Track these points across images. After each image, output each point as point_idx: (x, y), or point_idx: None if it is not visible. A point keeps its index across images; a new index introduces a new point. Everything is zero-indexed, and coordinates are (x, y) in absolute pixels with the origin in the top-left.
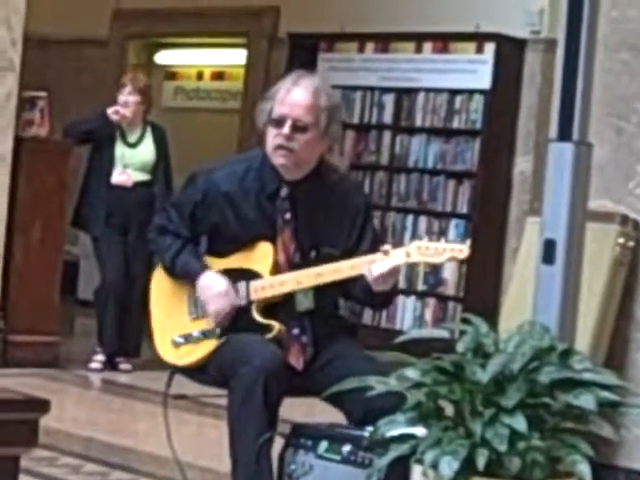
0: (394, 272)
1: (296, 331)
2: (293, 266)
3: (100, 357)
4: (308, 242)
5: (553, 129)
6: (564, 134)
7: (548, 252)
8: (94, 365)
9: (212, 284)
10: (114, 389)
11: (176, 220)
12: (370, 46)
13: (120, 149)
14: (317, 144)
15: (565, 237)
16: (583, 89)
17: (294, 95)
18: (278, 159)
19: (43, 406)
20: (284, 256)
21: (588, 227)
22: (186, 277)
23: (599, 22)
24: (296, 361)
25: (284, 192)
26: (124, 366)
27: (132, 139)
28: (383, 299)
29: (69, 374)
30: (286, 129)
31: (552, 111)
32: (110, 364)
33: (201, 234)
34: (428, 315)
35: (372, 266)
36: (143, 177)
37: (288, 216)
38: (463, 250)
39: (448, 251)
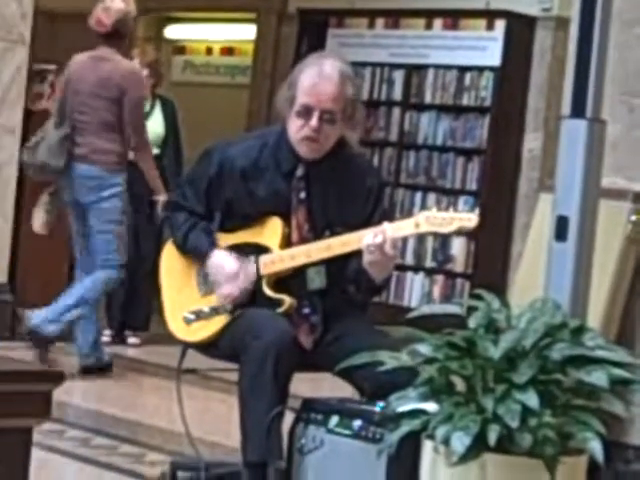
0: (381, 246)
1: (306, 310)
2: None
3: (107, 331)
4: (322, 221)
5: (566, 106)
6: (577, 111)
7: (560, 229)
8: (102, 339)
9: (222, 264)
10: (122, 363)
11: (191, 197)
12: (380, 22)
13: None
14: (341, 131)
15: (578, 214)
16: (597, 65)
17: (320, 85)
18: (303, 149)
19: (56, 378)
20: (298, 235)
21: (600, 204)
22: (196, 255)
23: None
24: (305, 340)
25: (300, 171)
26: (132, 340)
27: None
28: (370, 286)
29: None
30: (314, 121)
31: (565, 88)
32: (118, 338)
33: (215, 210)
34: (436, 292)
35: (365, 237)
36: (153, 151)
37: (303, 195)
38: (472, 219)
39: (457, 220)
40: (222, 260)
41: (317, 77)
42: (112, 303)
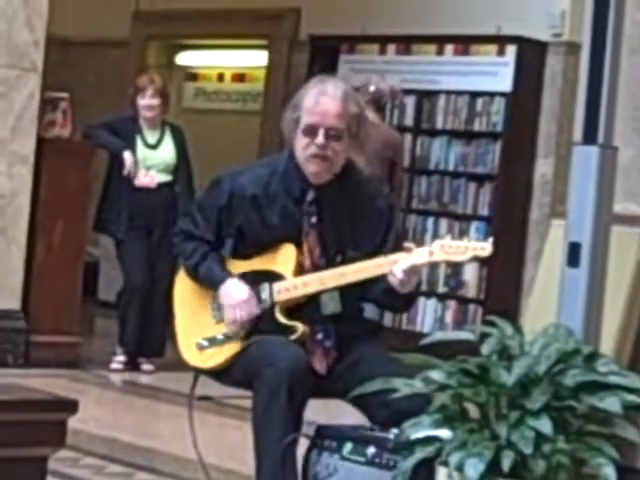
0: (416, 270)
1: (320, 336)
2: (318, 270)
3: (121, 358)
4: (333, 246)
5: (578, 132)
6: (589, 137)
7: (573, 255)
8: (115, 366)
9: (233, 292)
10: (136, 390)
11: (202, 225)
12: (391, 48)
13: (141, 151)
14: (348, 149)
15: (590, 240)
16: (608, 92)
17: (324, 103)
18: (312, 167)
19: (71, 406)
20: (310, 260)
21: (612, 230)
22: (208, 284)
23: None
24: (319, 365)
25: (310, 196)
26: (146, 367)
27: (152, 140)
28: (404, 301)
29: (90, 374)
30: (320, 138)
31: (577, 114)
32: (132, 364)
33: (226, 238)
34: (449, 317)
35: (394, 266)
36: (165, 178)
37: (314, 220)
38: (486, 248)
39: (471, 249)
40: (234, 287)
41: (320, 96)
42: (126, 330)
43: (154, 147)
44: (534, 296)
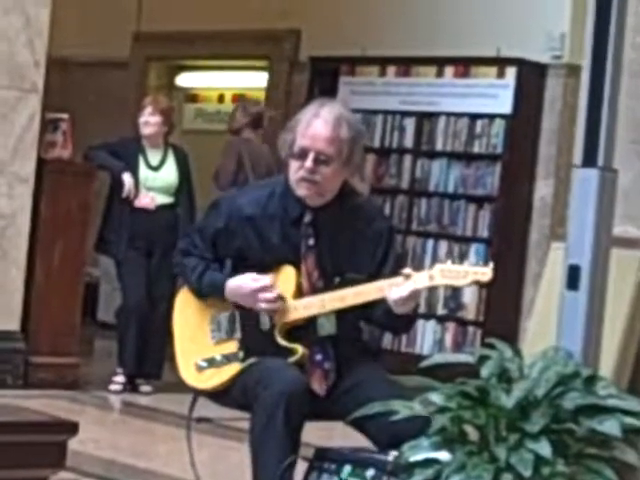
0: (414, 295)
1: (319, 357)
2: (316, 292)
3: (120, 379)
4: (331, 268)
5: (578, 155)
6: (589, 160)
7: (572, 278)
8: (114, 387)
9: (239, 284)
10: (134, 411)
11: (200, 245)
12: (391, 70)
13: (143, 172)
14: (340, 174)
15: (590, 263)
16: (608, 115)
17: (315, 127)
18: (302, 191)
19: (71, 428)
20: (307, 282)
21: (612, 253)
22: (213, 292)
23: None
24: (318, 387)
25: (307, 218)
26: (144, 388)
27: (154, 162)
28: (404, 322)
29: (89, 395)
30: (309, 162)
31: (577, 137)
32: (131, 386)
33: (225, 258)
34: (448, 339)
35: (392, 289)
36: (166, 200)
37: (312, 242)
38: (486, 273)
39: (471, 274)
40: (237, 281)
41: (313, 119)
42: (124, 351)
43: (156, 168)
44: (533, 319)
